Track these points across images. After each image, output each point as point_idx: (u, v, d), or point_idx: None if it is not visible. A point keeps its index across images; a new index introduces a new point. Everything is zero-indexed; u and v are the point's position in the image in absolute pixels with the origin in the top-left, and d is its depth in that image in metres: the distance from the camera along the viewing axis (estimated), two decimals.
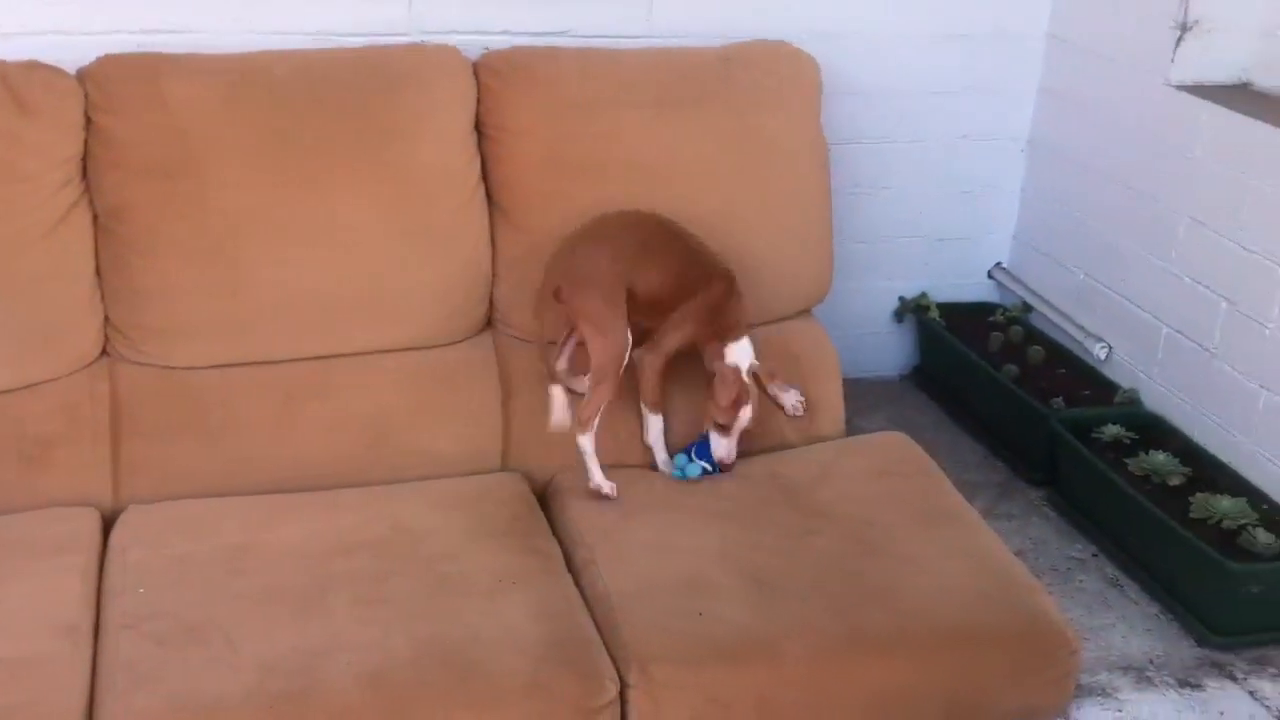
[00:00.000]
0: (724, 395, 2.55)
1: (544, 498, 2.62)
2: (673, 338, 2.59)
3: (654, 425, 2.64)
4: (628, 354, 2.54)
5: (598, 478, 2.53)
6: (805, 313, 2.99)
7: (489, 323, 2.79)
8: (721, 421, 2.57)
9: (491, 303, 2.77)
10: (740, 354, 2.60)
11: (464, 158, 2.72)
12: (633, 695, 2.14)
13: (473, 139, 2.74)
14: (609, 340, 2.51)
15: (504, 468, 2.69)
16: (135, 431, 2.54)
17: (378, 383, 2.66)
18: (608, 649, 2.19)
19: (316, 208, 2.60)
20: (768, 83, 2.90)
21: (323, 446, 2.61)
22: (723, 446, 2.58)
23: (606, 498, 2.52)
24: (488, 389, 2.72)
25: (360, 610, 2.20)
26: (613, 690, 2.12)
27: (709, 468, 2.60)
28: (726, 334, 2.60)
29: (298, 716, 2.00)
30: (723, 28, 3.03)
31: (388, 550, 2.36)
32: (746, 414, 2.59)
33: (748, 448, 2.73)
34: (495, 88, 2.75)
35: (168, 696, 2.00)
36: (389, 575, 2.29)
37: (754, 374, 2.61)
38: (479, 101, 2.75)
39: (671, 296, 2.58)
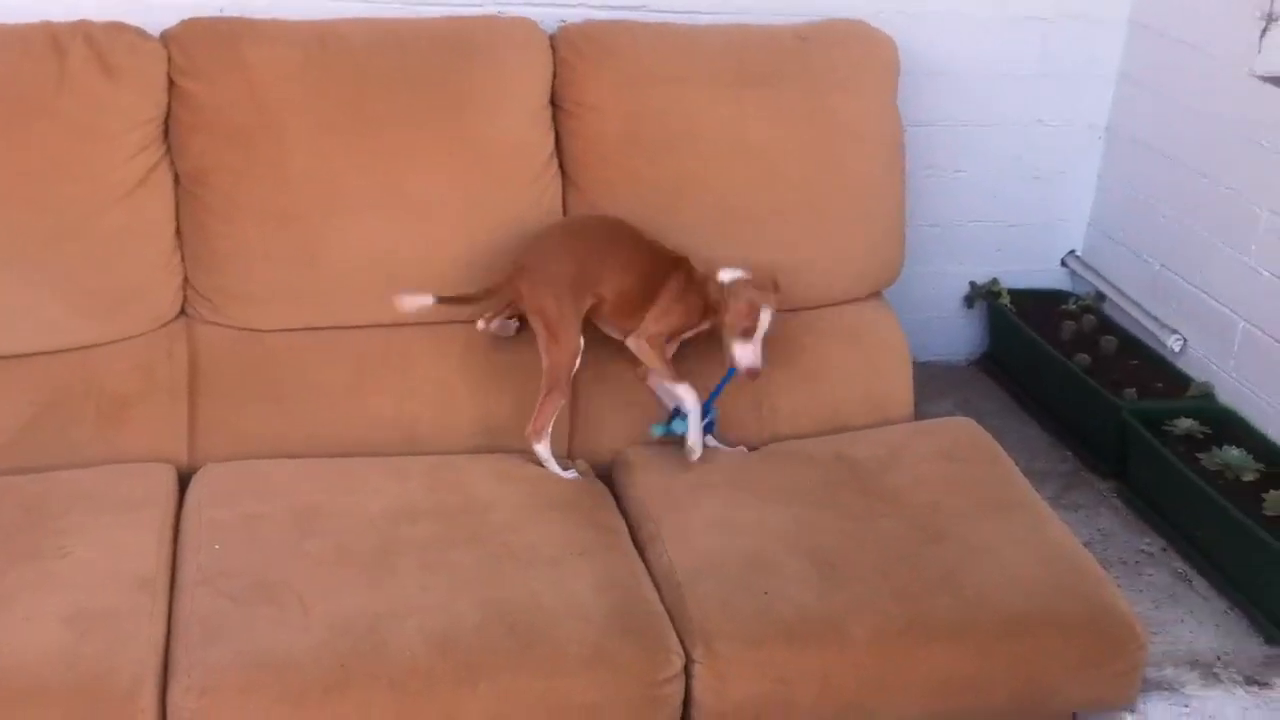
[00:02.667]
0: (736, 305, 2.49)
1: (609, 473, 2.62)
2: (660, 323, 2.56)
3: (687, 396, 2.55)
4: (578, 360, 2.52)
5: (561, 474, 2.52)
6: (875, 295, 2.98)
7: None
8: (745, 326, 2.50)
9: None
10: (732, 273, 2.55)
11: (538, 132, 2.72)
12: (698, 671, 2.15)
13: (547, 113, 2.74)
14: (560, 345, 2.48)
15: (570, 441, 2.70)
16: (211, 391, 2.58)
17: (448, 353, 2.67)
18: (673, 623, 2.20)
19: (391, 176, 2.61)
20: (844, 62, 2.88)
21: (393, 414, 2.63)
22: (749, 353, 2.51)
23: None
24: None
25: (427, 575, 2.22)
26: (678, 664, 2.14)
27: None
28: (708, 312, 2.55)
29: (366, 675, 2.02)
30: (800, 6, 3.01)
31: (454, 518, 2.38)
32: (767, 317, 2.51)
33: (815, 429, 2.73)
34: (572, 61, 2.75)
35: (241, 652, 2.03)
36: (455, 543, 2.31)
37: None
38: (555, 75, 2.74)
39: (639, 295, 2.55)
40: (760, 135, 2.79)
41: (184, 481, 2.46)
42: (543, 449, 2.51)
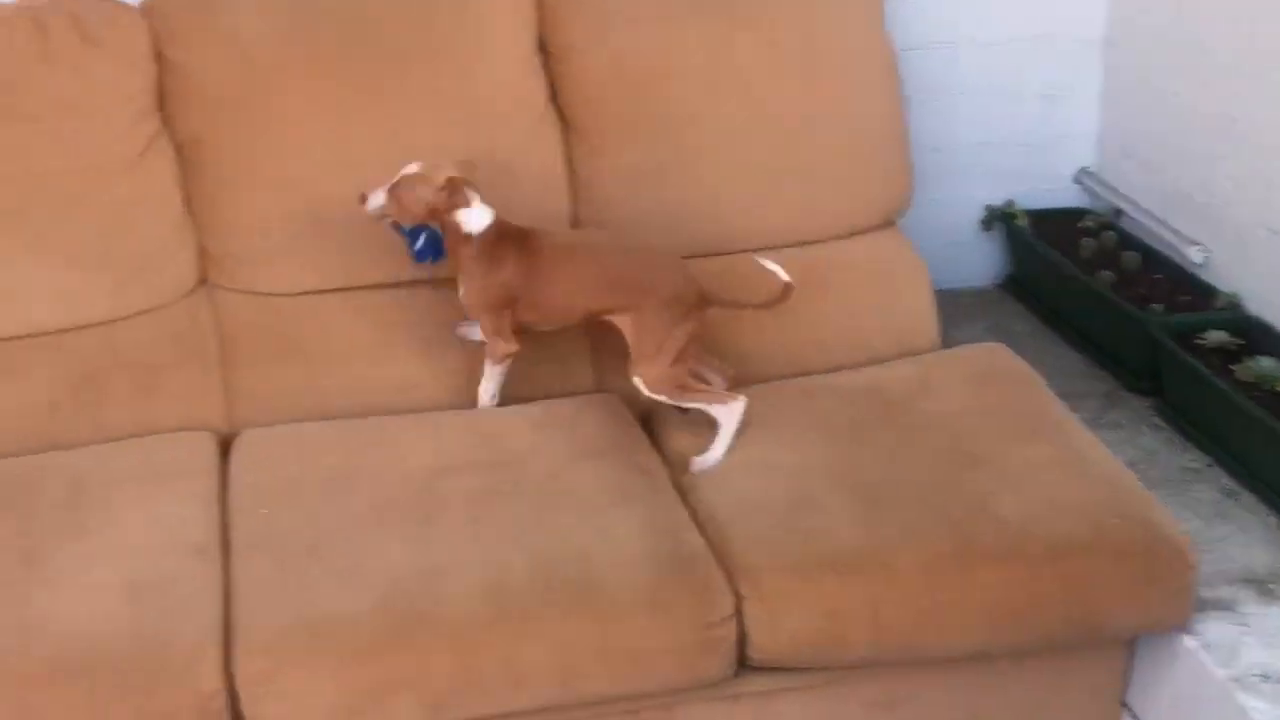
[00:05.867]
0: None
1: (647, 418, 2.60)
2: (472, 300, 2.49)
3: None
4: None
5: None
6: (889, 224, 2.95)
7: None
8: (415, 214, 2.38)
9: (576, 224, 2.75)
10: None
11: (530, 78, 2.69)
12: (749, 608, 2.15)
13: (537, 59, 2.71)
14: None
15: (598, 389, 2.69)
16: (241, 358, 2.57)
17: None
18: (720, 565, 2.20)
19: (390, 130, 2.59)
20: None
21: (420, 370, 2.62)
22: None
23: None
24: None
25: (473, 528, 2.22)
26: (729, 604, 2.14)
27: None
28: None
29: (424, 631, 2.04)
30: None
31: (493, 470, 2.37)
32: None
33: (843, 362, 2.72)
34: (554, 5, 2.72)
35: (300, 614, 2.04)
36: (497, 494, 2.31)
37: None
38: (540, 21, 2.71)
39: None
40: (750, 68, 2.75)
41: (223, 448, 2.47)
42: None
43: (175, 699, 1.96)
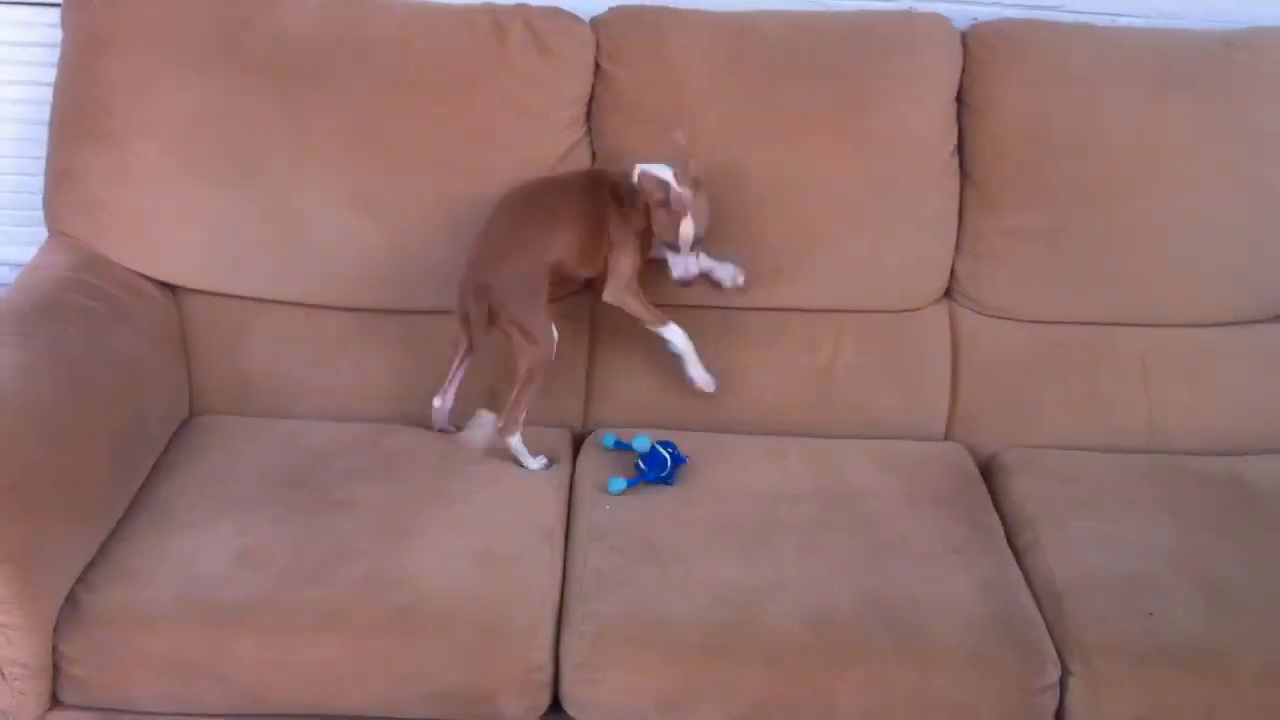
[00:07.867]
0: (657, 217, 2.41)
1: (986, 472, 2.60)
2: (625, 264, 2.50)
3: (675, 337, 2.56)
4: (554, 350, 2.44)
5: (533, 465, 2.46)
6: None
7: (947, 293, 2.78)
8: (669, 240, 2.43)
9: (953, 274, 2.76)
10: (652, 170, 2.43)
11: (943, 129, 2.71)
12: (1074, 684, 2.11)
13: (953, 110, 2.72)
14: (539, 343, 2.41)
15: (947, 438, 2.70)
16: (605, 361, 2.71)
17: (831, 339, 2.71)
18: (1050, 633, 2.17)
19: (791, 166, 2.66)
20: (1273, 72, 2.73)
21: (772, 394, 2.69)
22: (680, 264, 2.45)
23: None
24: (938, 358, 2.73)
25: (804, 557, 2.27)
26: (1054, 674, 2.10)
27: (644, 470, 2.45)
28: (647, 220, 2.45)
29: (742, 643, 2.10)
30: (1229, 11, 2.85)
31: (831, 503, 2.42)
32: (689, 229, 2.41)
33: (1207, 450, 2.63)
34: (983, 59, 2.70)
35: (627, 606, 2.14)
36: (831, 527, 2.35)
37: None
38: (963, 72, 2.72)
39: (590, 233, 2.49)
40: (1169, 143, 2.67)
41: (578, 445, 2.62)
42: (516, 442, 2.44)
43: (506, 665, 2.09)
